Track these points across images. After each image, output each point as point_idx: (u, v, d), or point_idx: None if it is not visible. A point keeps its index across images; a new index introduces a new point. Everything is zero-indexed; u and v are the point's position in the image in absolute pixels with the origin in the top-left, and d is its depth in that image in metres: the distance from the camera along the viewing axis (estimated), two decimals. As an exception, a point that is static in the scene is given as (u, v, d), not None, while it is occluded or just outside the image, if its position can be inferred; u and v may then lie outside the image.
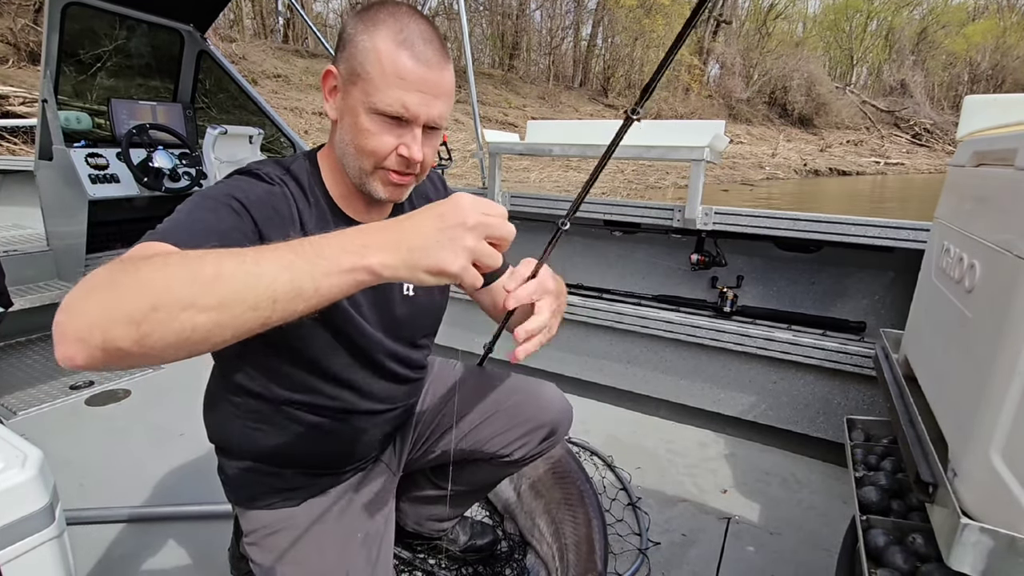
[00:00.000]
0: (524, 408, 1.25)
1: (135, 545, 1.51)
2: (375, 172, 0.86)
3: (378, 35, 0.79)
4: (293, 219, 0.85)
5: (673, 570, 1.51)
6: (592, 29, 29.43)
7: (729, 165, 20.44)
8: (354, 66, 0.81)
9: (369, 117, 0.81)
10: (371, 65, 0.79)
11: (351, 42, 0.81)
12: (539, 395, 1.29)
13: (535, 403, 1.27)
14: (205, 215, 0.74)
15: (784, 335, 2.03)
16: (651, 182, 16.09)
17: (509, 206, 2.65)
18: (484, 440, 1.23)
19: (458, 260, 0.58)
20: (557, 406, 1.28)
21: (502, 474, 1.35)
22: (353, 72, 0.81)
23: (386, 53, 0.79)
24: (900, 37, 40.52)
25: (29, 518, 0.69)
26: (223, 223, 0.75)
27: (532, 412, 1.26)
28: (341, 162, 0.89)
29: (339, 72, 0.83)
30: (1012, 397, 0.76)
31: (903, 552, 0.99)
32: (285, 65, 16.29)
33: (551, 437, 1.27)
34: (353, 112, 0.82)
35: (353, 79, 0.81)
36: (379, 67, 0.79)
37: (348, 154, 0.86)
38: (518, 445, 1.23)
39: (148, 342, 0.51)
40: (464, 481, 1.34)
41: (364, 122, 0.82)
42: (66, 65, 2.73)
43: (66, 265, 2.76)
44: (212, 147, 2.53)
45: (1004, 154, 0.94)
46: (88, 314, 0.52)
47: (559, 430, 1.28)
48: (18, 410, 2.18)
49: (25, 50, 9.89)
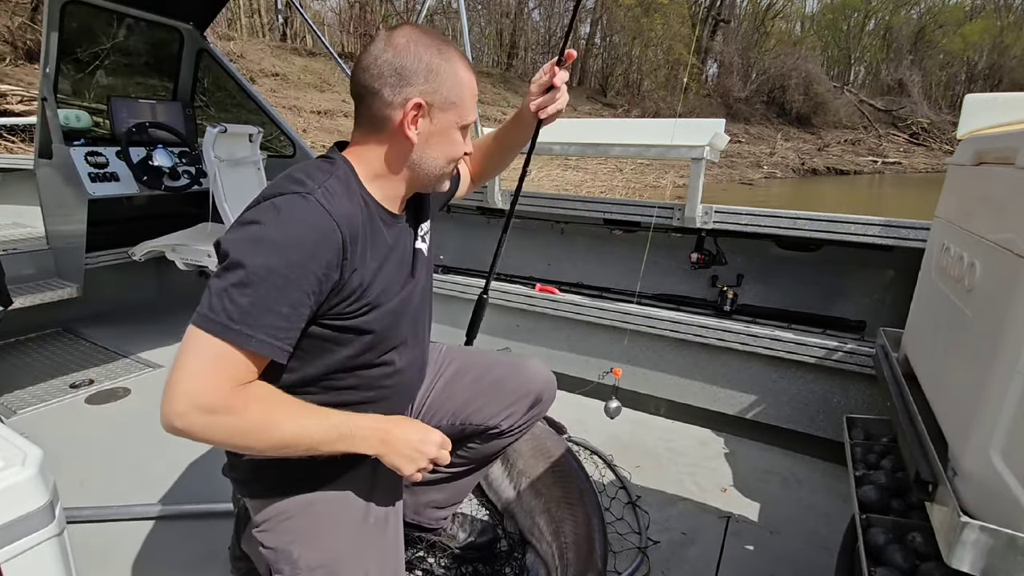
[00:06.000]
0: (509, 379, 1.34)
1: (135, 544, 1.51)
2: (449, 172, 1.06)
3: (458, 66, 0.98)
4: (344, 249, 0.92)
5: (673, 569, 1.51)
6: (590, 28, 29.42)
7: (727, 164, 20.44)
8: (448, 96, 0.97)
9: (459, 132, 1.02)
10: (461, 91, 0.99)
11: (437, 74, 0.95)
12: (524, 367, 1.37)
13: (520, 374, 1.35)
14: (272, 314, 0.86)
15: (784, 334, 2.03)
16: (650, 181, 16.09)
17: (508, 204, 2.65)
18: (472, 412, 1.30)
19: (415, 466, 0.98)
20: (542, 376, 1.37)
21: (494, 448, 1.39)
22: (447, 101, 0.97)
23: (467, 81, 0.99)
24: (898, 36, 40.51)
25: (29, 517, 0.69)
26: (297, 310, 0.88)
27: (517, 383, 1.34)
28: (416, 171, 1.02)
29: (429, 103, 0.96)
30: (1012, 396, 0.76)
31: (903, 551, 1.00)
32: (283, 64, 16.26)
33: (537, 406, 1.36)
34: (445, 132, 1.00)
35: (446, 106, 0.98)
36: (467, 92, 1.00)
37: (435, 165, 1.02)
38: (505, 415, 1.31)
39: (217, 444, 0.89)
40: (458, 458, 1.38)
41: (456, 136, 1.02)
42: (65, 63, 2.72)
43: (66, 263, 2.75)
44: (212, 145, 2.52)
45: (1004, 153, 0.94)
46: (208, 429, 0.84)
47: (544, 398, 1.36)
48: (18, 409, 2.18)
49: (22, 48, 9.86)
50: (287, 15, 17.14)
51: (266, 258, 0.83)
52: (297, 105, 14.21)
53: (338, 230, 0.89)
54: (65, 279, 2.75)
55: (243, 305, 0.82)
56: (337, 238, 0.89)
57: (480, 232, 2.87)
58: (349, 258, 0.92)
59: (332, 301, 0.92)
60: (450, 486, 1.46)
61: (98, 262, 2.90)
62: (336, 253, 0.89)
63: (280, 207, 0.87)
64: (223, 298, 0.82)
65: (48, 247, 2.77)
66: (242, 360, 0.84)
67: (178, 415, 0.81)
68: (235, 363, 0.84)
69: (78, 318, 3.06)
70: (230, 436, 0.85)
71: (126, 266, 3.02)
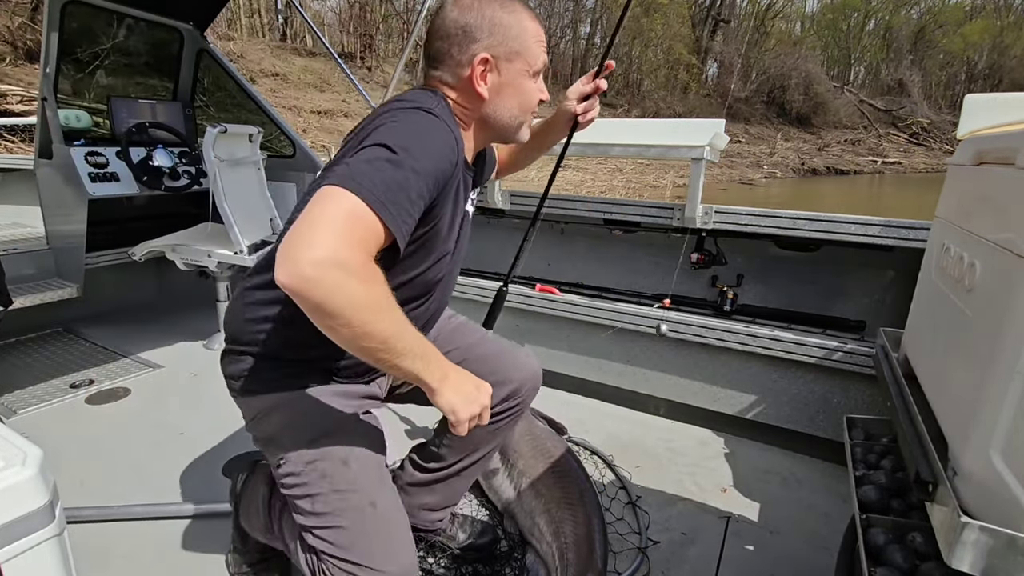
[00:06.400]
0: (492, 361, 1.32)
1: (135, 544, 1.51)
2: (526, 121, 1.10)
3: (522, 16, 1.01)
4: (454, 170, 0.97)
5: (673, 569, 1.51)
6: (590, 28, 29.44)
7: (727, 164, 20.45)
8: (512, 47, 1.00)
9: (530, 80, 1.05)
10: (524, 39, 1.01)
11: (501, 26, 0.99)
12: (511, 353, 1.36)
13: (504, 359, 1.34)
14: (405, 195, 0.86)
15: (784, 334, 2.03)
16: (650, 181, 16.10)
17: (509, 205, 2.66)
18: None
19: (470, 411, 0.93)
20: (528, 368, 1.36)
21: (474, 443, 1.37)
22: (512, 51, 1.01)
23: (531, 28, 1.02)
24: (898, 36, 40.51)
25: (29, 517, 0.69)
26: (418, 204, 0.89)
27: (499, 366, 1.32)
28: (493, 125, 1.07)
29: (495, 56, 1.00)
30: (1012, 396, 0.76)
31: (903, 551, 1.00)
32: (283, 63, 16.27)
33: (513, 398, 1.33)
34: (515, 83, 1.03)
35: (511, 57, 1.01)
36: (531, 39, 1.02)
37: (511, 116, 1.06)
38: None
39: (327, 309, 0.77)
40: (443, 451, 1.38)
41: (527, 85, 1.05)
42: (65, 63, 2.71)
43: (66, 263, 2.75)
44: (212, 145, 2.51)
45: (1005, 153, 0.94)
46: (334, 287, 0.76)
47: (523, 390, 1.34)
48: (18, 409, 2.18)
49: (22, 48, 9.87)
50: (287, 15, 17.14)
51: (410, 142, 0.87)
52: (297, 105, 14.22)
53: (457, 150, 0.95)
54: (65, 279, 2.75)
55: (386, 179, 0.83)
56: (455, 157, 0.95)
57: (480, 232, 2.87)
58: (451, 181, 0.96)
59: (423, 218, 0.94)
60: (441, 488, 1.43)
61: (98, 262, 2.90)
62: (450, 169, 0.94)
63: (417, 114, 0.94)
64: (371, 167, 0.83)
65: (48, 247, 2.77)
66: (376, 231, 0.82)
67: (314, 263, 0.75)
68: (371, 231, 0.81)
69: (78, 318, 3.06)
70: (349, 303, 0.78)
71: (126, 266, 3.02)
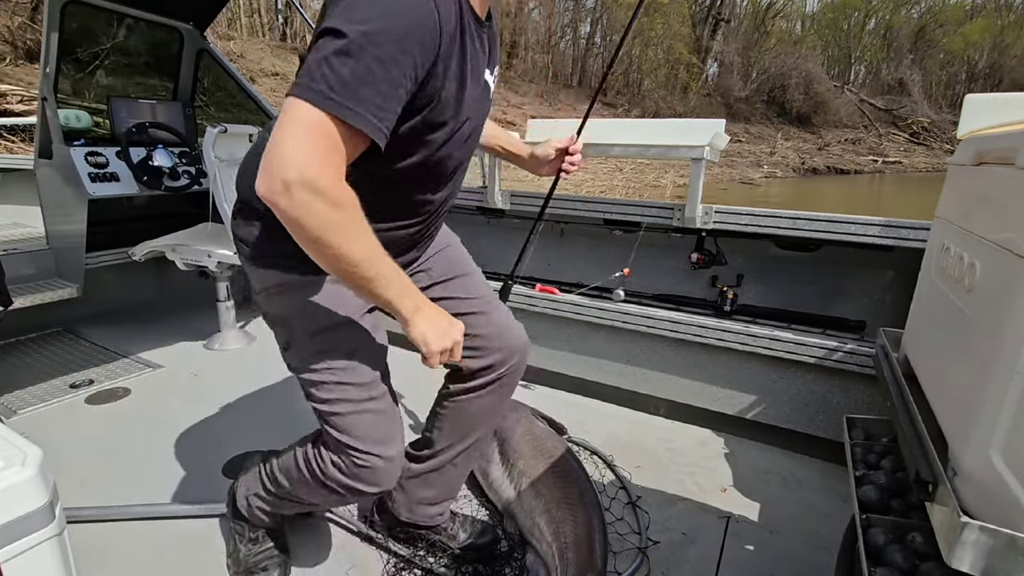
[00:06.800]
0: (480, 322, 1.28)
1: (135, 544, 1.51)
2: None
3: None
4: (441, 34, 0.87)
5: (673, 569, 1.51)
6: (591, 28, 29.45)
7: (728, 164, 20.44)
8: None
9: None
10: None
11: None
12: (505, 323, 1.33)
13: (494, 323, 1.31)
14: (371, 89, 0.82)
15: (784, 334, 2.03)
16: (649, 181, 16.09)
17: (509, 205, 2.66)
18: None
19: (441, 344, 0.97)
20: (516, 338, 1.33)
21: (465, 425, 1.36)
22: None
23: None
24: (898, 36, 40.50)
25: (29, 517, 0.69)
26: (395, 90, 0.84)
27: (486, 329, 1.28)
28: None
29: None
30: (1012, 396, 0.76)
31: (903, 551, 1.00)
32: (283, 63, 16.25)
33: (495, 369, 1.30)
34: None
35: None
36: None
37: None
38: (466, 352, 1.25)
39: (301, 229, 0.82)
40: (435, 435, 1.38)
41: None
42: (65, 63, 2.72)
43: (66, 263, 2.75)
44: (212, 145, 2.51)
45: (1005, 153, 0.94)
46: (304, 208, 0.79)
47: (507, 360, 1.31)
48: (18, 409, 2.18)
49: (22, 48, 9.86)
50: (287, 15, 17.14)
51: (366, 25, 0.79)
52: (297, 105, 14.18)
53: (435, 9, 0.85)
54: (65, 279, 2.75)
55: (343, 75, 0.78)
56: (434, 17, 0.84)
57: (480, 232, 2.87)
58: (442, 49, 0.87)
59: (418, 97, 0.89)
60: (437, 480, 1.43)
61: (98, 262, 2.90)
62: (430, 37, 0.85)
63: None
64: (322, 66, 0.79)
65: (48, 247, 2.78)
66: (344, 138, 0.80)
67: (286, 183, 0.77)
68: (334, 138, 0.80)
69: (78, 318, 3.06)
70: (321, 224, 0.80)
71: (126, 266, 3.02)
